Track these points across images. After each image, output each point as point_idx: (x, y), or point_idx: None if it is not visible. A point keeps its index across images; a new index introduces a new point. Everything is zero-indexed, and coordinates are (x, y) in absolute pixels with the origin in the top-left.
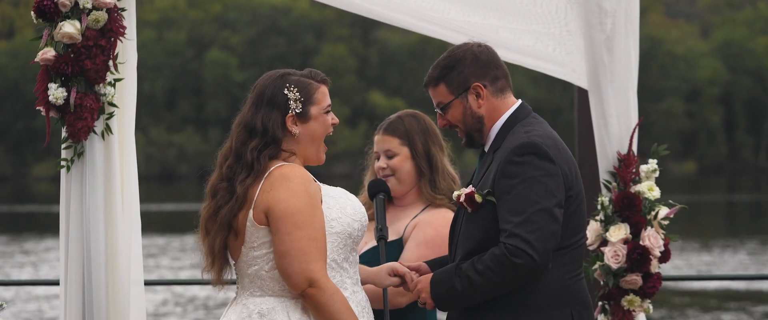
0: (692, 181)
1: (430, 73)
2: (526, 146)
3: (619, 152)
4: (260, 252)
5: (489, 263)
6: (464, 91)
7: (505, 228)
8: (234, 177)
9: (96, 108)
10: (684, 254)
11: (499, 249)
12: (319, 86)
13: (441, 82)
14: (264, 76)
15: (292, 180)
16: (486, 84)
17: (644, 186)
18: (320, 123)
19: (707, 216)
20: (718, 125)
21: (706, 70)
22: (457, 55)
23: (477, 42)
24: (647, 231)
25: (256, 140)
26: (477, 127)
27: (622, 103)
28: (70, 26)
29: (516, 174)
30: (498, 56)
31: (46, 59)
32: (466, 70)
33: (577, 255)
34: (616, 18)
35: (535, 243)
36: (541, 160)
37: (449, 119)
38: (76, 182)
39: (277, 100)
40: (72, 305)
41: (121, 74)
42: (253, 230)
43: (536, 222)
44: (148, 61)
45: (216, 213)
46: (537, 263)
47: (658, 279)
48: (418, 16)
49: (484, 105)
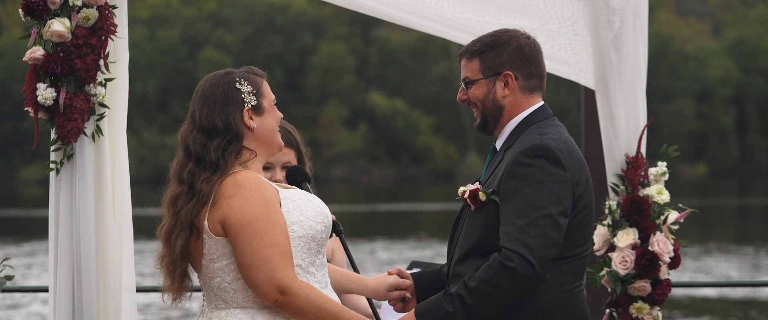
0: (703, 184)
1: (469, 44)
2: (537, 148)
3: (628, 154)
4: (221, 264)
5: (482, 275)
6: (495, 75)
7: (507, 231)
8: (195, 179)
9: (86, 109)
10: (698, 260)
11: (494, 258)
12: (262, 80)
13: (476, 57)
14: (205, 79)
15: (245, 187)
16: (518, 76)
17: (653, 189)
18: (272, 115)
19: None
20: (730, 126)
21: (717, 70)
22: (503, 37)
23: (527, 34)
24: (656, 236)
25: (218, 139)
26: (495, 114)
27: (630, 104)
28: (59, 24)
29: (524, 176)
30: (542, 55)
31: (35, 58)
32: (505, 55)
33: (578, 267)
34: (624, 16)
35: (535, 250)
36: (551, 164)
37: (470, 96)
38: (66, 185)
39: (231, 95)
40: (61, 313)
41: (112, 74)
42: (210, 242)
43: (539, 228)
44: (139, 61)
45: (175, 222)
46: (536, 271)
47: (668, 286)
48: (419, 14)
49: (509, 96)
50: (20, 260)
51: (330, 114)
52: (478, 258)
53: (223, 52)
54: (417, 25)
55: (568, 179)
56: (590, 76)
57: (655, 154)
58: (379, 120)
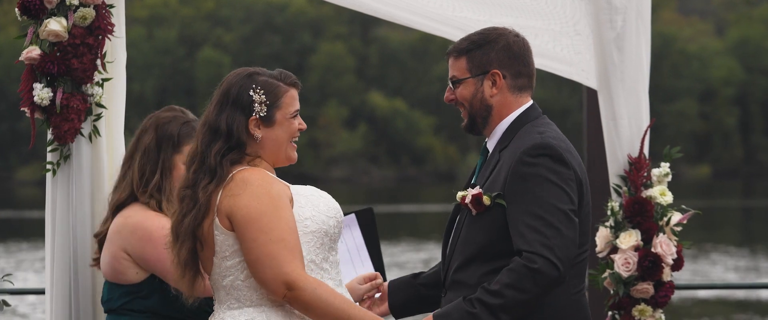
0: (706, 186)
1: (457, 43)
2: (540, 147)
3: (630, 155)
4: (233, 262)
5: (505, 280)
6: (483, 73)
7: (522, 233)
8: (197, 183)
9: (83, 109)
10: (697, 262)
11: (515, 262)
12: (287, 89)
13: (464, 55)
14: (232, 74)
15: (252, 184)
16: (506, 75)
17: (656, 190)
18: (285, 128)
19: (722, 222)
20: (734, 127)
21: (721, 70)
22: (491, 35)
23: (516, 32)
24: (659, 237)
25: (220, 143)
26: (483, 114)
27: (632, 104)
28: (56, 24)
29: (530, 175)
30: (531, 53)
31: (31, 58)
32: (493, 53)
33: (582, 270)
34: (626, 15)
35: (556, 251)
36: (555, 162)
37: (457, 96)
38: (63, 186)
39: (242, 101)
40: (58, 315)
41: (110, 74)
42: (222, 238)
43: (556, 228)
44: (137, 60)
45: (181, 222)
46: (560, 271)
47: (671, 288)
48: (419, 13)
49: (497, 96)
50: (20, 263)
51: (329, 114)
52: (481, 263)
53: (221, 52)
54: (417, 24)
55: (573, 177)
56: (592, 76)
57: (658, 154)
58: (379, 120)
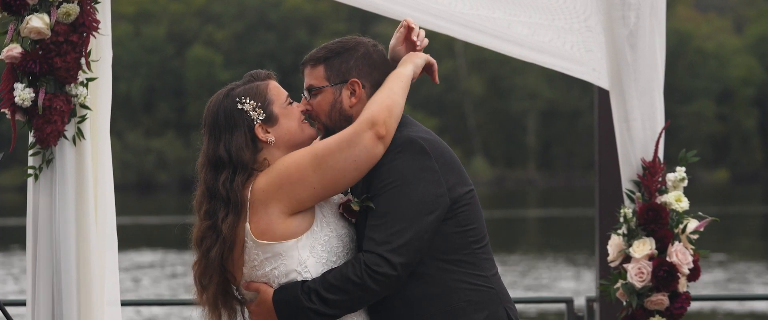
0: (724, 191)
1: (313, 52)
2: (401, 143)
3: (644, 159)
4: (264, 271)
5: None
6: (342, 82)
7: (372, 226)
8: (216, 215)
9: (67, 110)
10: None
11: (357, 258)
12: (267, 84)
13: (322, 63)
14: (209, 105)
15: (271, 169)
16: (365, 85)
17: (671, 196)
18: (288, 117)
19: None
20: (753, 129)
21: (739, 69)
22: (349, 43)
23: (374, 41)
24: (675, 246)
25: (226, 172)
26: (342, 125)
27: (646, 105)
28: (38, 20)
29: (389, 171)
30: (389, 63)
31: (12, 57)
32: (352, 61)
33: (485, 251)
34: (640, 11)
35: (400, 249)
36: (416, 155)
37: (314, 106)
38: (45, 192)
39: (235, 119)
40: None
41: (95, 73)
42: (251, 244)
43: (405, 223)
44: (124, 59)
45: (206, 257)
46: (398, 273)
47: (687, 300)
48: (421, 9)
49: (356, 105)
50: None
51: None
52: None
53: (212, 50)
54: (417, 21)
55: (435, 167)
56: (604, 76)
57: (674, 158)
58: None
